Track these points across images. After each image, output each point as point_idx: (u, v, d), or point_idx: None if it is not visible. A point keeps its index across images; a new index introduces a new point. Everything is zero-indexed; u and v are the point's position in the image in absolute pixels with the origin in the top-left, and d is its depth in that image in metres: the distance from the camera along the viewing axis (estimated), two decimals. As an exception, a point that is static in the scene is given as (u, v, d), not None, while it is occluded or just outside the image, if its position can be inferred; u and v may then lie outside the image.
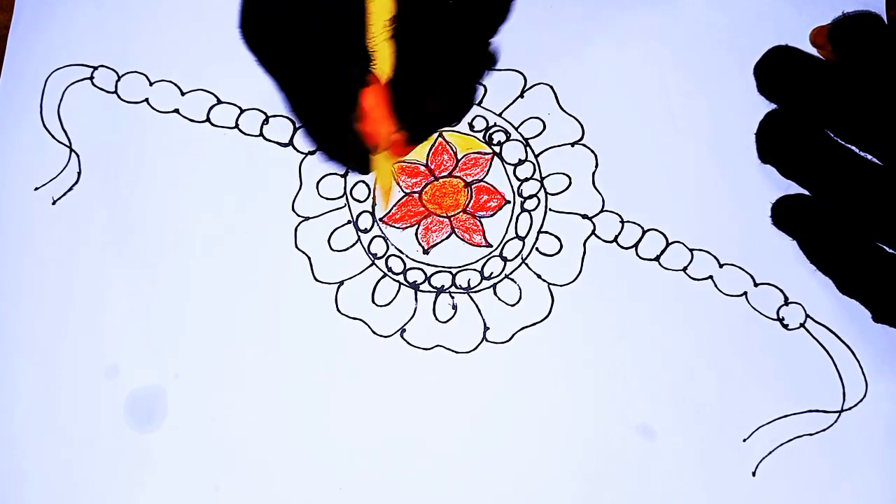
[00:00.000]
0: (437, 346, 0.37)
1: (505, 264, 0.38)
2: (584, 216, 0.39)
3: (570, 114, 0.40)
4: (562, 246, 0.38)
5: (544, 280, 0.38)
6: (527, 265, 0.38)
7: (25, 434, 0.37)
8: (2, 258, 0.38)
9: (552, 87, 0.40)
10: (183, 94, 0.40)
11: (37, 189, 0.39)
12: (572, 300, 0.38)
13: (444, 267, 0.38)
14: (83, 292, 0.38)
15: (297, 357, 0.37)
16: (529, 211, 0.39)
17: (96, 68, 0.40)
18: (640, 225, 0.39)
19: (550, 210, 0.39)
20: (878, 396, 0.37)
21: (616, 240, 0.39)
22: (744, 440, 0.37)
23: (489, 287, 0.38)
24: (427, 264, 0.38)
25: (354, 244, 0.39)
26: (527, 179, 0.39)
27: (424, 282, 0.38)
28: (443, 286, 0.38)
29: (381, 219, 0.39)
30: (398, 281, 0.38)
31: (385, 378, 0.37)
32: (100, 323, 0.37)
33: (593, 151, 0.39)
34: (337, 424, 0.37)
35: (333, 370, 0.37)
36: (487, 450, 0.37)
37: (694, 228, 0.38)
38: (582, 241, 0.38)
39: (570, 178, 0.39)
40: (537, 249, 0.38)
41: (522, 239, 0.39)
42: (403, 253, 0.38)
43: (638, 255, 0.38)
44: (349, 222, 0.39)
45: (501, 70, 0.40)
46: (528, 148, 0.39)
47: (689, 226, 0.39)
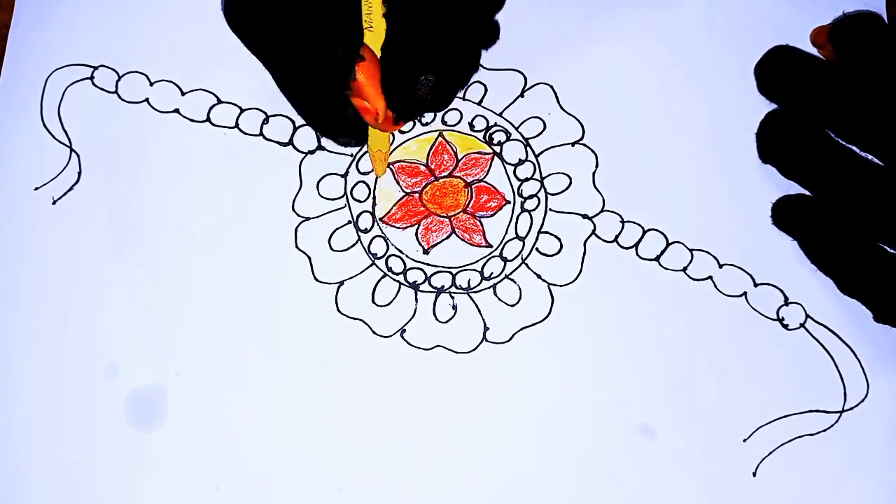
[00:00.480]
0: (438, 347, 0.37)
1: (505, 264, 0.38)
2: (585, 216, 0.39)
3: (571, 114, 0.40)
4: (562, 246, 0.38)
5: (544, 280, 0.38)
6: (527, 265, 0.38)
7: (25, 434, 0.37)
8: (2, 258, 0.38)
9: (552, 87, 0.40)
10: (183, 94, 0.40)
11: (37, 189, 0.39)
12: (572, 300, 0.38)
13: (445, 267, 0.38)
14: (83, 292, 0.38)
15: (297, 357, 0.37)
16: (529, 211, 0.39)
17: (96, 68, 0.40)
18: (641, 225, 0.39)
19: (550, 210, 0.39)
20: (880, 396, 0.37)
21: (616, 240, 0.38)
22: (744, 440, 0.37)
23: (489, 287, 0.38)
24: (427, 264, 0.38)
25: (355, 244, 0.39)
26: (527, 179, 0.39)
27: (424, 282, 0.38)
28: (443, 286, 0.38)
29: (381, 219, 0.39)
30: (398, 281, 0.38)
31: (385, 378, 0.37)
32: (100, 322, 0.37)
33: (593, 151, 0.39)
34: (337, 424, 0.37)
35: (333, 370, 0.37)
36: (488, 450, 0.37)
37: (694, 228, 0.38)
38: (582, 241, 0.38)
39: (571, 178, 0.39)
40: (537, 249, 0.38)
41: (522, 239, 0.39)
42: (403, 253, 0.38)
43: (638, 256, 0.38)
44: (349, 222, 0.39)
45: (501, 70, 0.40)
46: (529, 148, 0.39)
47: (689, 226, 0.38)
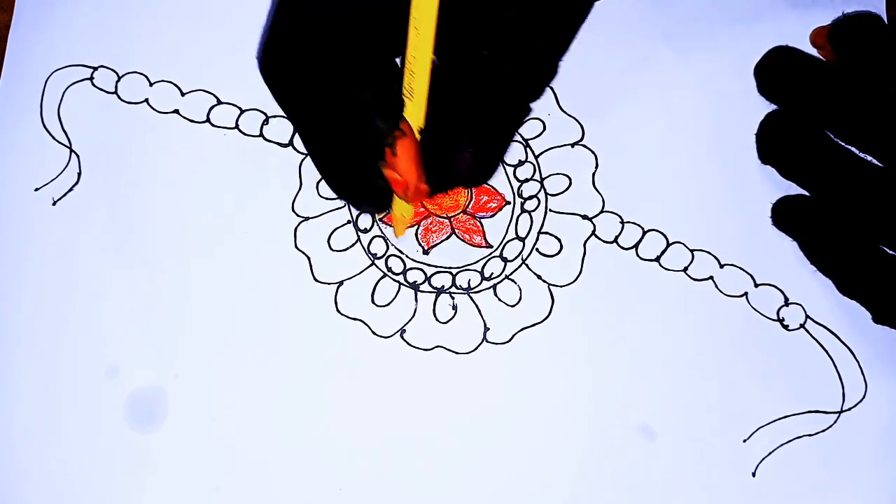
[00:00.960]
0: (438, 347, 0.37)
1: (505, 265, 0.38)
2: (585, 217, 0.39)
3: (570, 114, 0.40)
4: (562, 247, 0.38)
5: (544, 281, 0.38)
6: (527, 266, 0.38)
7: (25, 434, 0.37)
8: (2, 259, 0.38)
9: (552, 88, 0.40)
10: (183, 95, 0.40)
11: (37, 190, 0.39)
12: (572, 301, 0.38)
13: (444, 267, 0.38)
14: (83, 293, 0.38)
15: (297, 357, 0.37)
16: (529, 212, 0.39)
17: (96, 69, 0.40)
18: (641, 225, 0.39)
19: (550, 211, 0.39)
20: (878, 397, 0.37)
21: (616, 240, 0.38)
22: (744, 440, 0.37)
23: (489, 287, 0.38)
24: (427, 265, 0.38)
25: (354, 244, 0.39)
26: (527, 180, 0.39)
27: (424, 282, 0.38)
28: (443, 287, 0.38)
29: (381, 219, 0.39)
30: (398, 281, 0.38)
31: (385, 378, 0.37)
32: (100, 323, 0.37)
33: (593, 152, 0.39)
34: (337, 425, 0.37)
35: (333, 371, 0.37)
36: (487, 450, 0.37)
37: (694, 229, 0.38)
38: (582, 242, 0.38)
39: (570, 179, 0.39)
40: (537, 250, 0.38)
41: (523, 240, 0.39)
42: (403, 253, 0.38)
43: (638, 256, 0.38)
44: (349, 222, 0.39)
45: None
46: (528, 149, 0.39)
47: (690, 226, 0.38)
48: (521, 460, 0.36)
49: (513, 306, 0.38)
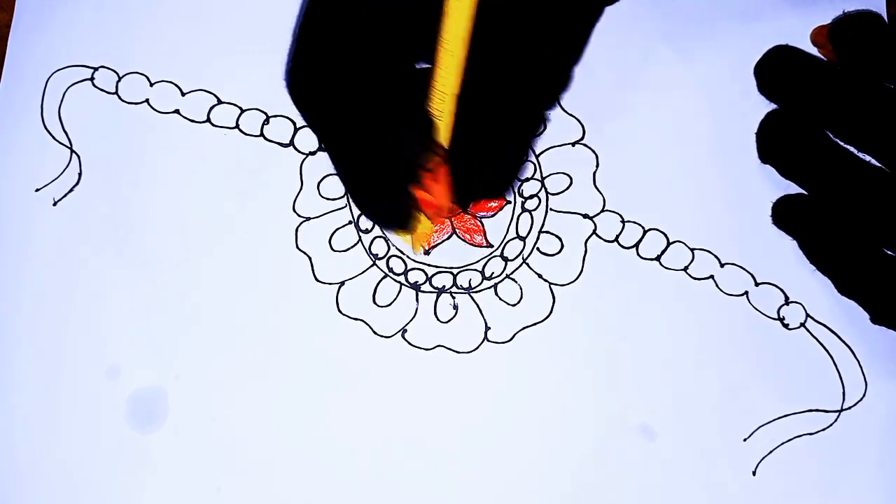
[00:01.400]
0: (439, 347, 0.37)
1: (506, 264, 0.38)
2: (585, 216, 0.39)
3: (571, 114, 0.40)
4: (563, 246, 0.38)
5: (545, 280, 0.38)
6: (528, 265, 0.38)
7: (26, 434, 0.37)
8: (2, 259, 0.38)
9: (552, 87, 0.40)
10: (183, 95, 0.40)
11: (38, 190, 0.39)
12: (573, 300, 0.38)
13: (446, 267, 0.38)
14: (84, 293, 0.38)
15: (298, 357, 0.37)
16: (530, 211, 0.39)
17: (97, 69, 0.40)
18: (641, 225, 0.39)
19: (551, 210, 0.39)
20: (878, 396, 0.37)
21: (617, 239, 0.39)
22: (744, 440, 0.37)
23: (490, 287, 0.38)
24: (428, 265, 0.38)
25: (355, 244, 0.39)
26: (527, 180, 0.39)
27: (425, 282, 0.38)
28: (444, 286, 0.38)
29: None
30: (399, 281, 0.38)
31: (386, 378, 0.37)
32: (101, 324, 0.37)
33: (594, 151, 0.39)
34: (338, 425, 0.37)
35: (334, 371, 0.37)
36: (489, 450, 0.37)
37: (695, 228, 0.39)
38: (583, 241, 0.38)
39: (571, 178, 0.39)
40: (538, 249, 0.38)
41: (523, 239, 0.39)
42: (404, 253, 0.38)
43: (639, 255, 0.38)
44: (350, 222, 0.39)
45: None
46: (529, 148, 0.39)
47: (690, 225, 0.39)
48: (522, 459, 0.37)
49: (514, 306, 0.38)
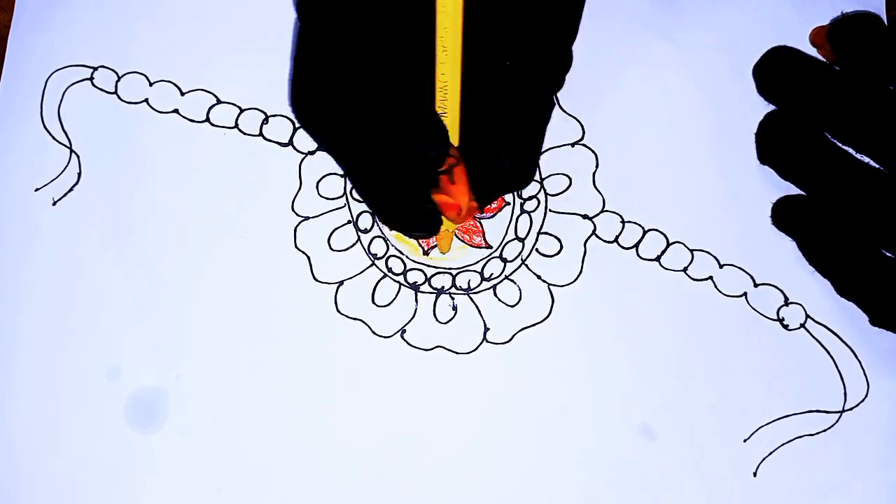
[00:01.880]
0: (438, 347, 0.37)
1: (505, 265, 0.38)
2: (585, 216, 0.39)
3: (570, 114, 0.40)
4: (562, 247, 0.38)
5: (544, 281, 0.38)
6: (527, 266, 0.38)
7: (26, 435, 0.37)
8: (2, 259, 0.38)
9: (552, 87, 0.40)
10: (182, 95, 0.40)
11: (37, 190, 0.39)
12: (573, 301, 0.38)
13: (445, 268, 0.38)
14: (84, 293, 0.38)
15: (298, 357, 0.37)
16: (529, 212, 0.39)
17: (96, 69, 0.40)
18: (641, 225, 0.39)
19: (551, 211, 0.39)
20: (880, 396, 0.37)
21: (617, 240, 0.38)
22: (744, 440, 0.37)
23: (489, 288, 0.38)
24: (427, 265, 0.38)
25: (354, 244, 0.39)
26: (527, 180, 0.39)
27: (425, 283, 0.38)
28: (443, 287, 0.38)
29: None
30: (398, 281, 0.38)
31: (385, 379, 0.37)
32: (101, 324, 0.37)
33: (593, 151, 0.39)
34: (337, 425, 0.37)
35: (333, 371, 0.37)
36: (488, 450, 0.37)
37: (694, 229, 0.38)
38: (582, 242, 0.38)
39: (571, 179, 0.39)
40: (537, 250, 0.38)
41: (522, 240, 0.39)
42: (403, 253, 0.38)
43: (638, 256, 0.38)
44: (349, 222, 0.39)
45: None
46: (529, 148, 0.39)
47: (690, 226, 0.38)
48: (522, 460, 0.37)
49: (513, 306, 0.38)
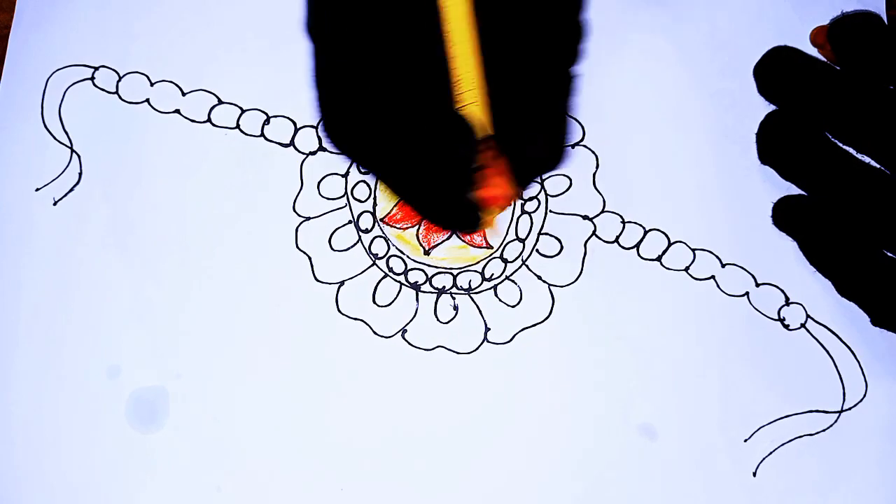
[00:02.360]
0: (439, 347, 0.37)
1: (505, 266, 0.38)
2: (585, 217, 0.39)
3: (571, 115, 0.39)
4: (562, 247, 0.38)
5: (545, 281, 0.38)
6: (527, 266, 0.38)
7: (26, 434, 0.37)
8: (3, 259, 0.38)
9: (553, 88, 0.40)
10: (184, 95, 0.40)
11: (38, 190, 0.39)
12: (573, 301, 0.38)
13: (446, 268, 0.38)
14: (84, 293, 0.38)
15: (298, 357, 0.37)
16: (530, 213, 0.39)
17: (97, 69, 0.40)
18: (642, 225, 0.39)
19: (551, 212, 0.39)
20: (878, 397, 0.37)
21: (617, 240, 0.39)
22: (744, 440, 0.37)
23: (490, 288, 0.38)
24: (428, 265, 0.38)
25: (355, 244, 0.39)
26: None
27: (425, 282, 0.38)
28: (444, 287, 0.38)
29: (382, 219, 0.39)
30: (399, 281, 0.38)
31: (386, 378, 0.37)
32: (101, 323, 0.37)
33: (594, 152, 0.39)
34: (338, 425, 0.37)
35: (334, 371, 0.37)
36: (488, 450, 0.37)
37: (696, 229, 0.38)
38: (583, 242, 0.38)
39: (571, 180, 0.39)
40: (538, 251, 0.38)
41: (523, 241, 0.39)
42: (404, 253, 0.38)
43: (639, 256, 0.38)
44: (350, 222, 0.39)
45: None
46: (529, 148, 0.39)
47: (691, 226, 0.39)
48: (522, 460, 0.37)
49: (513, 307, 0.38)
